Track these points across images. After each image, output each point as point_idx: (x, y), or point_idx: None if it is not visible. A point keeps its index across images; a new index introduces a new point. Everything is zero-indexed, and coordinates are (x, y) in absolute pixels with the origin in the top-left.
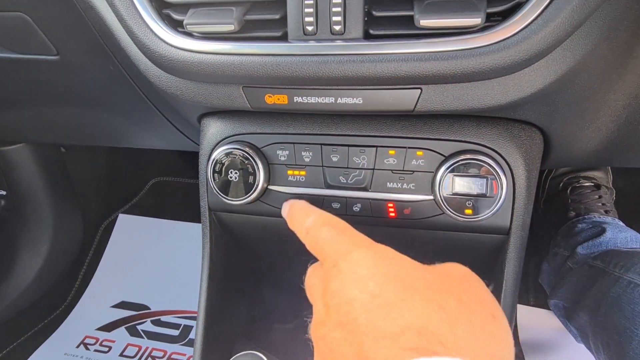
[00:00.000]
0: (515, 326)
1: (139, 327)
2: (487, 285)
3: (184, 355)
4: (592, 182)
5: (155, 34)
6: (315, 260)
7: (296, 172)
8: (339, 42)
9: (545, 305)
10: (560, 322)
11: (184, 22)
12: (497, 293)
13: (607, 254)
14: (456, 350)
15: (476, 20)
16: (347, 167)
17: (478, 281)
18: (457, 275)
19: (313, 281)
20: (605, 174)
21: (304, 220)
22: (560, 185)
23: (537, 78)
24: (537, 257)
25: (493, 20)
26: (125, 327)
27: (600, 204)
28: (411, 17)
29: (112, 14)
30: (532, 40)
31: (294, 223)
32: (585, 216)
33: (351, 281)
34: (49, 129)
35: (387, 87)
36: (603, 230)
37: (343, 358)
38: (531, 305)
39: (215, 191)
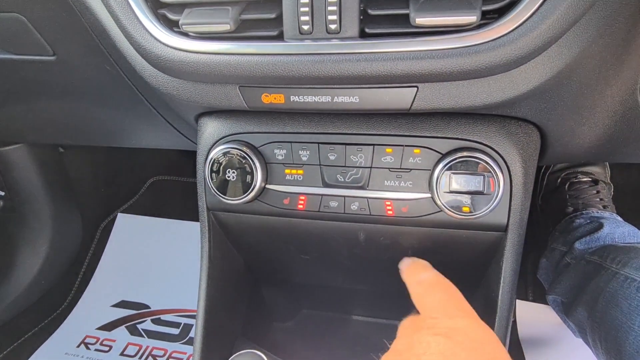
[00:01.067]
0: (514, 322)
1: (139, 326)
2: None
3: (185, 353)
4: (590, 177)
5: (151, 34)
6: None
7: (294, 171)
8: (334, 41)
9: (544, 301)
10: (559, 317)
11: (180, 22)
12: (495, 290)
13: (604, 249)
14: None
15: (472, 18)
16: (345, 166)
17: None
18: None
19: (406, 324)
20: (603, 169)
21: (419, 273)
22: (558, 180)
23: (533, 75)
24: (536, 253)
25: (488, 18)
26: (126, 326)
27: (598, 199)
28: (407, 16)
29: (108, 15)
30: (528, 38)
31: (409, 274)
32: (583, 211)
33: (447, 339)
34: (46, 129)
35: (384, 85)
36: (600, 226)
37: None
38: (530, 300)
39: (213, 191)
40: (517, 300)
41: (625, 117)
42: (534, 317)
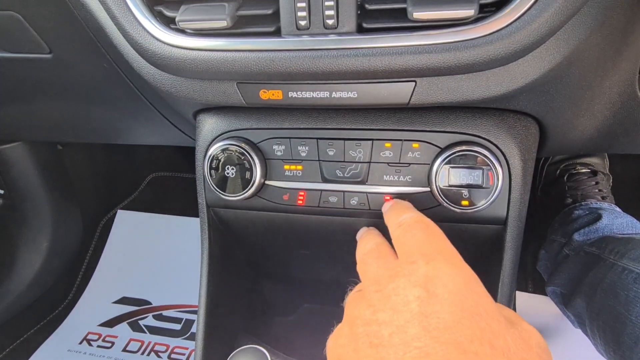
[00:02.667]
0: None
1: (141, 322)
2: None
3: (187, 349)
4: (588, 169)
5: (148, 32)
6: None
7: (293, 167)
8: (332, 37)
9: (543, 292)
10: (558, 308)
11: (176, 19)
12: (495, 282)
13: (603, 240)
14: None
15: (469, 12)
16: (344, 161)
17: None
18: (535, 349)
19: (369, 260)
20: (602, 159)
21: (400, 215)
22: (557, 172)
23: (532, 69)
24: (535, 244)
25: (486, 11)
26: (127, 323)
27: (597, 190)
28: (404, 10)
29: (104, 12)
30: (526, 31)
31: (389, 217)
32: (582, 202)
33: (427, 293)
34: (44, 127)
35: (382, 80)
36: (599, 217)
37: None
38: (530, 291)
39: (212, 187)
40: (516, 292)
41: (624, 108)
42: (533, 308)
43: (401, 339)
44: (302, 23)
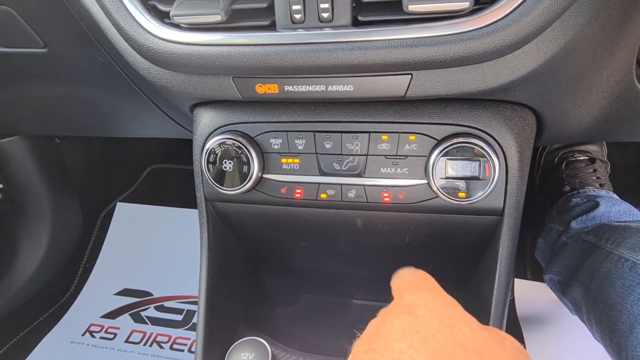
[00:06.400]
0: (513, 300)
1: (143, 314)
2: None
3: (188, 339)
4: (586, 156)
5: (142, 26)
6: None
7: (290, 160)
8: (327, 30)
9: (542, 279)
10: (556, 296)
11: (171, 13)
12: (492, 273)
13: (600, 228)
14: None
15: (465, 4)
16: (341, 154)
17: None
18: (508, 347)
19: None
20: (600, 147)
21: (400, 271)
22: (556, 159)
23: (528, 60)
24: (534, 232)
25: (482, 3)
26: (129, 314)
27: (595, 178)
28: (399, 3)
29: (98, 6)
30: (522, 22)
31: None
32: (580, 190)
33: (410, 316)
34: (41, 121)
35: (378, 73)
36: (597, 204)
37: None
38: (528, 279)
39: (210, 182)
40: (515, 279)
41: (622, 97)
42: (531, 295)
43: (389, 356)
44: (297, 17)
